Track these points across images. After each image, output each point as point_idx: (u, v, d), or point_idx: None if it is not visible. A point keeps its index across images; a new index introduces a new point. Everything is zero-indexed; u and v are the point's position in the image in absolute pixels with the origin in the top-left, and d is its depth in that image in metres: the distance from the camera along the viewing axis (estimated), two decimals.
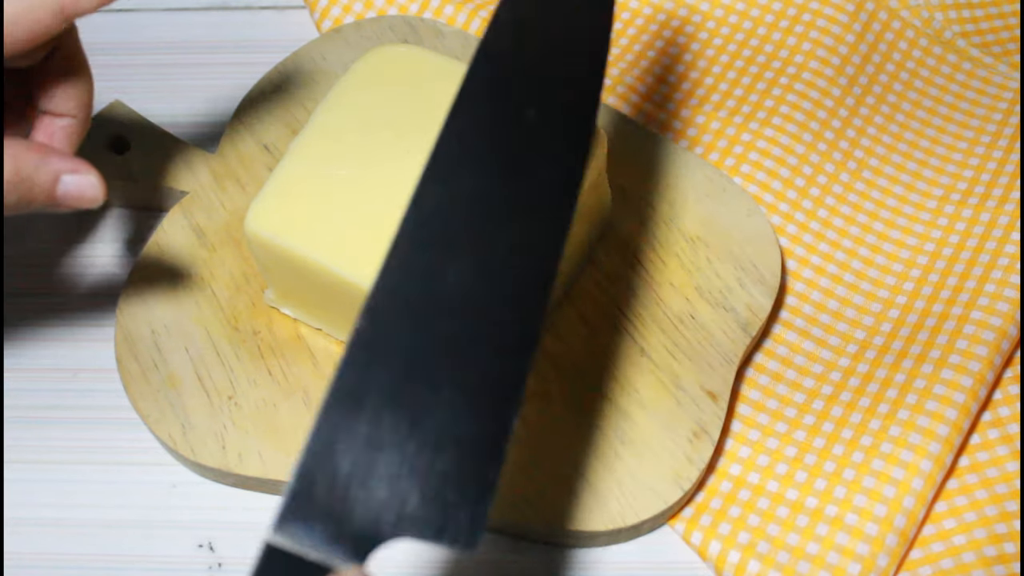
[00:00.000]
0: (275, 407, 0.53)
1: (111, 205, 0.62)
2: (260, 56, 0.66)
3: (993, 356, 0.54)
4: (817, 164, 0.63)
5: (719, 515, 0.52)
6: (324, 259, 0.50)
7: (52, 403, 0.56)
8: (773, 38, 0.67)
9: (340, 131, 0.53)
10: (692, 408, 0.53)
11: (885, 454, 0.52)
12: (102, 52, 0.67)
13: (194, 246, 0.57)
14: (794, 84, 0.65)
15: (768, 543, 0.51)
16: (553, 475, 0.51)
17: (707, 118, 0.64)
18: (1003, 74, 0.67)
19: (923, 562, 0.51)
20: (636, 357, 0.54)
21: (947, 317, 0.56)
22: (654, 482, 0.51)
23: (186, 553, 0.52)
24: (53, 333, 0.58)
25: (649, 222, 0.58)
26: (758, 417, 0.55)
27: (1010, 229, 0.59)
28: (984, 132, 0.65)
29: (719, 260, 0.57)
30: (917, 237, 0.61)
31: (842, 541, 0.50)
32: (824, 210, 0.62)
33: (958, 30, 0.69)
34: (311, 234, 0.50)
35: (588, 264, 0.57)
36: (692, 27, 0.68)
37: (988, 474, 0.54)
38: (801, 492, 0.52)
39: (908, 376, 0.55)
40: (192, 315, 0.55)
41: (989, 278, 0.57)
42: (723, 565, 0.51)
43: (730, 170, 0.62)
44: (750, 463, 0.54)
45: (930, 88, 0.67)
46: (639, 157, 0.60)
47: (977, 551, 0.51)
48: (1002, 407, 0.55)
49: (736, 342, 0.55)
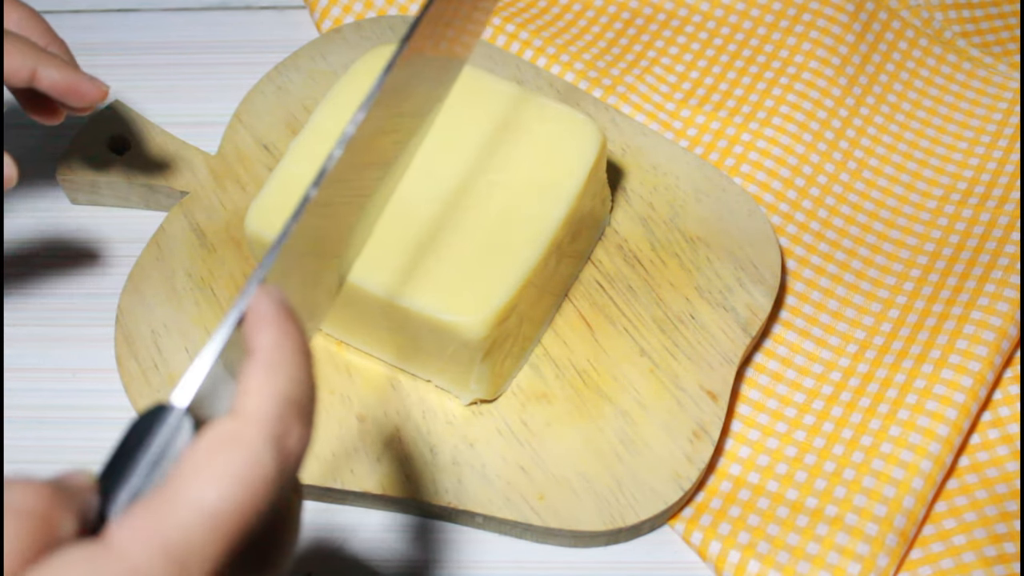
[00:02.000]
0: None
1: (110, 205, 0.62)
2: (260, 56, 0.66)
3: (993, 356, 0.54)
4: (817, 164, 0.63)
5: (719, 515, 0.52)
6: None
7: (52, 403, 0.56)
8: (773, 38, 0.67)
9: (340, 131, 0.53)
10: (692, 408, 0.53)
11: (885, 454, 0.52)
12: (102, 52, 0.67)
13: (194, 246, 0.57)
14: (794, 84, 0.65)
15: (768, 543, 0.51)
16: (553, 475, 0.51)
17: (707, 118, 0.64)
18: (1003, 74, 0.67)
19: (923, 562, 0.51)
20: (636, 357, 0.54)
21: (947, 317, 0.56)
22: (654, 482, 0.51)
23: None
24: (53, 333, 0.58)
25: (649, 222, 0.58)
26: (758, 417, 0.55)
27: (1010, 229, 0.59)
28: (984, 132, 0.65)
29: (719, 260, 0.57)
30: (917, 237, 0.61)
31: (842, 541, 0.50)
32: (824, 210, 0.62)
33: (958, 30, 0.69)
34: None
35: (588, 264, 0.57)
36: (692, 27, 0.68)
37: (988, 474, 0.54)
38: (801, 492, 0.52)
39: (908, 376, 0.55)
40: (192, 315, 0.55)
41: (989, 278, 0.57)
42: (723, 565, 0.51)
43: (730, 170, 0.62)
44: (750, 463, 0.54)
45: (930, 88, 0.67)
46: (639, 157, 0.60)
47: (977, 551, 0.51)
48: (1002, 407, 0.55)
49: (736, 342, 0.55)
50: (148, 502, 0.29)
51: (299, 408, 0.31)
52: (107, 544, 0.29)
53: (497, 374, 0.52)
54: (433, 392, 0.53)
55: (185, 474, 0.29)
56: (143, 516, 0.29)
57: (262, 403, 0.30)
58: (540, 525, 0.50)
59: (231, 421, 0.30)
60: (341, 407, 0.53)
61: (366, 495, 0.51)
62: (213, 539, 0.29)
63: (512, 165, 0.52)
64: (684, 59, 0.67)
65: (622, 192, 0.59)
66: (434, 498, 0.51)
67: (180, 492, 0.29)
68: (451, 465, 0.52)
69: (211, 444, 0.30)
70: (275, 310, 0.32)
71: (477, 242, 0.50)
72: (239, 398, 0.31)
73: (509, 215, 0.51)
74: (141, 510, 0.29)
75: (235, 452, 0.29)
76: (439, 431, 0.52)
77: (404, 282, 0.49)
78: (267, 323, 0.32)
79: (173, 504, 0.29)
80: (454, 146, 0.53)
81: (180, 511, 0.29)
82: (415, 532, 0.52)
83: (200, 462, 0.29)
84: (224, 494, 0.29)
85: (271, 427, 0.30)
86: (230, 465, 0.29)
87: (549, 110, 0.54)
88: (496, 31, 0.66)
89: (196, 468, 0.29)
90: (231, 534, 0.29)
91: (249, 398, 0.31)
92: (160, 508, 0.29)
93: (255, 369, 0.31)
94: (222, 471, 0.29)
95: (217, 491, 0.29)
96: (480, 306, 0.49)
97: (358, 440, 0.52)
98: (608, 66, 0.66)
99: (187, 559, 0.29)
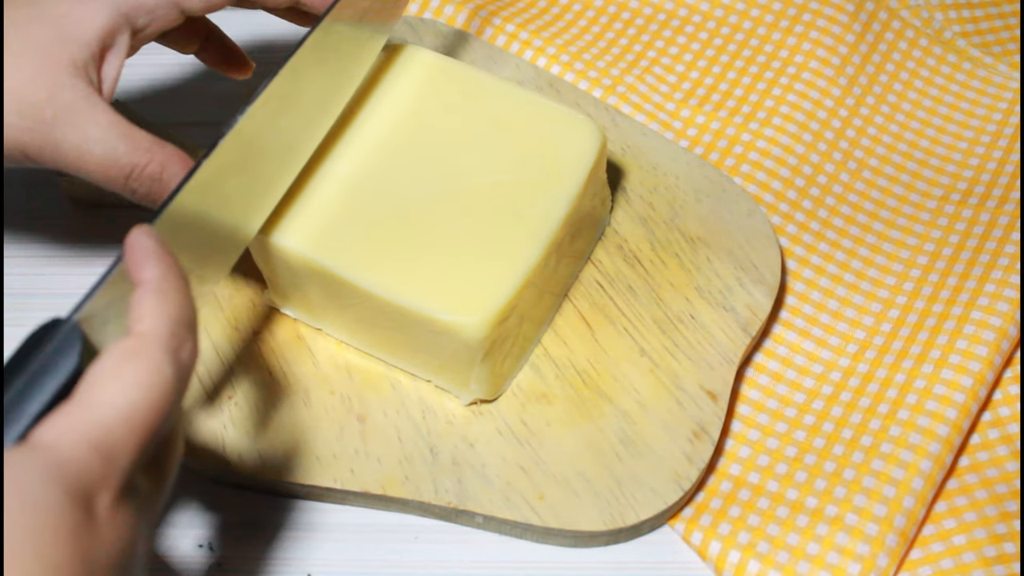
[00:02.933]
0: (275, 407, 0.53)
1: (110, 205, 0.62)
2: (260, 56, 0.66)
3: (993, 356, 0.54)
4: (817, 164, 0.63)
5: (719, 515, 0.52)
6: (324, 259, 0.50)
7: None
8: (773, 38, 0.67)
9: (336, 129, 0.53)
10: (692, 408, 0.53)
11: (885, 454, 0.52)
12: None
13: None
14: (794, 84, 0.65)
15: (768, 543, 0.51)
16: (553, 475, 0.51)
17: (707, 118, 0.64)
18: (1003, 74, 0.67)
19: (923, 562, 0.51)
20: (636, 357, 0.54)
21: (947, 317, 0.56)
22: (654, 482, 0.51)
23: (186, 553, 0.52)
24: None
25: (649, 222, 0.58)
26: (758, 417, 0.55)
27: (1010, 229, 0.59)
28: (984, 132, 0.65)
29: (719, 260, 0.57)
30: (917, 237, 0.61)
31: (842, 541, 0.50)
32: (824, 210, 0.62)
33: (958, 30, 0.69)
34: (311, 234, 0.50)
35: (588, 264, 0.57)
36: (692, 27, 0.68)
37: (988, 474, 0.54)
38: (801, 492, 0.52)
39: (908, 376, 0.55)
40: None
41: (989, 278, 0.57)
42: (723, 565, 0.51)
43: (730, 170, 0.62)
44: (750, 463, 0.54)
45: (930, 88, 0.67)
46: (639, 157, 0.60)
47: (977, 551, 0.51)
48: (1002, 407, 0.55)
49: (736, 342, 0.55)
50: (66, 408, 0.34)
51: (188, 326, 0.37)
52: (38, 444, 0.33)
53: (497, 374, 0.52)
54: (433, 392, 0.53)
55: (98, 382, 0.34)
56: (66, 419, 0.34)
57: (156, 322, 0.36)
58: (540, 525, 0.50)
59: (131, 339, 0.36)
60: (341, 407, 0.53)
61: (366, 495, 0.51)
62: (130, 435, 0.34)
63: (512, 165, 0.52)
64: (684, 59, 0.67)
65: (622, 192, 0.59)
66: (434, 498, 0.51)
67: (96, 397, 0.34)
68: (451, 465, 0.52)
69: (117, 358, 0.35)
70: (157, 247, 0.38)
71: (477, 242, 0.50)
72: (134, 321, 0.36)
73: (509, 215, 0.51)
74: (63, 415, 0.34)
75: (140, 362, 0.35)
76: (439, 431, 0.52)
77: (404, 282, 0.49)
78: (152, 257, 0.37)
79: (91, 408, 0.34)
80: (454, 146, 0.53)
81: (98, 413, 0.34)
82: (415, 532, 0.52)
83: (110, 372, 0.35)
84: (136, 397, 0.34)
85: (167, 342, 0.36)
86: (138, 374, 0.35)
87: (549, 110, 0.54)
88: (496, 31, 0.66)
89: (107, 377, 0.34)
90: (144, 432, 0.34)
91: (144, 320, 0.36)
92: (80, 412, 0.34)
93: (146, 295, 0.37)
94: (132, 379, 0.34)
95: (129, 395, 0.34)
96: (480, 306, 0.49)
97: (358, 440, 0.52)
98: (608, 66, 0.66)
99: (111, 451, 0.34)
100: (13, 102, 0.45)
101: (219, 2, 0.50)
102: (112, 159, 0.46)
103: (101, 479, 0.33)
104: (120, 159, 0.46)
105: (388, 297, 0.49)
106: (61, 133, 0.45)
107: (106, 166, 0.46)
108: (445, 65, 0.55)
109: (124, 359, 0.35)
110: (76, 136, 0.45)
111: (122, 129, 0.46)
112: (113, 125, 0.46)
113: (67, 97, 0.45)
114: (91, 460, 0.33)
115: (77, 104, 0.45)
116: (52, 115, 0.45)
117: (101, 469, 0.33)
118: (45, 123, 0.45)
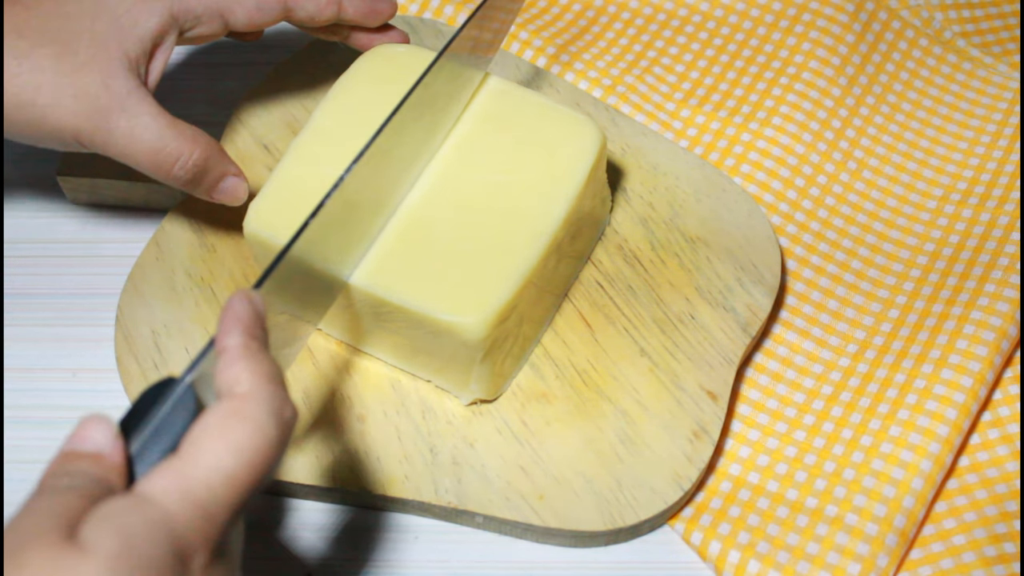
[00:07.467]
0: None
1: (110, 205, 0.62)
2: (260, 56, 0.66)
3: (993, 356, 0.54)
4: (817, 164, 0.63)
5: (719, 515, 0.52)
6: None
7: (52, 403, 0.56)
8: (773, 38, 0.67)
9: (340, 131, 0.53)
10: (692, 408, 0.53)
11: (885, 454, 0.52)
12: None
13: (194, 246, 0.57)
14: (794, 84, 0.65)
15: (768, 543, 0.51)
16: (553, 475, 0.51)
17: (707, 118, 0.64)
18: (1003, 74, 0.67)
19: (923, 562, 0.51)
20: (636, 357, 0.54)
21: (947, 317, 0.56)
22: (654, 482, 0.51)
23: None
24: (53, 333, 0.58)
25: (649, 222, 0.58)
26: (758, 417, 0.55)
27: (1010, 229, 0.59)
28: (984, 132, 0.65)
29: (719, 260, 0.57)
30: (917, 237, 0.61)
31: (842, 541, 0.50)
32: (824, 210, 0.62)
33: (958, 30, 0.69)
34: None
35: (588, 264, 0.57)
36: (692, 27, 0.68)
37: (988, 474, 0.54)
38: (801, 492, 0.52)
39: (908, 376, 0.55)
40: (192, 315, 0.55)
41: (989, 278, 0.57)
42: (723, 565, 0.51)
43: (730, 170, 0.62)
44: (750, 463, 0.54)
45: (930, 88, 0.67)
46: (639, 157, 0.60)
47: (977, 551, 0.51)
48: (1002, 407, 0.55)
49: (736, 342, 0.55)
50: (173, 465, 0.34)
51: (284, 386, 0.37)
52: (144, 496, 0.33)
53: (497, 374, 0.52)
54: (433, 392, 0.53)
55: (203, 441, 0.34)
56: (172, 476, 0.34)
57: (256, 383, 0.36)
58: (540, 525, 0.50)
59: (235, 400, 0.35)
60: (341, 407, 0.53)
61: (366, 495, 0.51)
62: (232, 495, 0.34)
63: (512, 165, 0.52)
64: (684, 59, 0.67)
65: (622, 192, 0.59)
66: (434, 498, 0.51)
67: (201, 457, 0.34)
68: (451, 465, 0.52)
69: (222, 417, 0.35)
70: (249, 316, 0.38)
71: (477, 242, 0.50)
72: (232, 383, 0.36)
73: (509, 215, 0.51)
74: (169, 471, 0.34)
75: (246, 424, 0.35)
76: (439, 431, 0.52)
77: (404, 282, 0.49)
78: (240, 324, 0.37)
79: (196, 466, 0.34)
80: (454, 146, 0.53)
81: (204, 472, 0.34)
82: (415, 532, 0.52)
83: (215, 432, 0.35)
84: (240, 459, 0.34)
85: (271, 403, 0.36)
86: (243, 434, 0.35)
87: (549, 110, 0.54)
88: None
89: (213, 437, 0.35)
90: (245, 491, 0.35)
91: (242, 382, 0.36)
92: (185, 470, 0.34)
93: (236, 359, 0.36)
94: (236, 440, 0.35)
95: (234, 457, 0.34)
96: (480, 306, 0.49)
97: (358, 440, 0.52)
98: (608, 66, 0.66)
99: (212, 509, 0.34)
100: (69, 86, 0.48)
101: (262, 21, 0.53)
102: (161, 147, 0.49)
103: (201, 539, 0.34)
104: (168, 146, 0.49)
105: (388, 297, 0.49)
106: (114, 121, 0.48)
107: (155, 153, 0.49)
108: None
109: (229, 419, 0.35)
110: (128, 124, 0.48)
111: (169, 119, 0.49)
112: (161, 115, 0.49)
113: (120, 87, 0.48)
114: (195, 519, 0.33)
115: (129, 95, 0.49)
116: (106, 103, 0.48)
117: (202, 528, 0.34)
118: (100, 110, 0.48)
